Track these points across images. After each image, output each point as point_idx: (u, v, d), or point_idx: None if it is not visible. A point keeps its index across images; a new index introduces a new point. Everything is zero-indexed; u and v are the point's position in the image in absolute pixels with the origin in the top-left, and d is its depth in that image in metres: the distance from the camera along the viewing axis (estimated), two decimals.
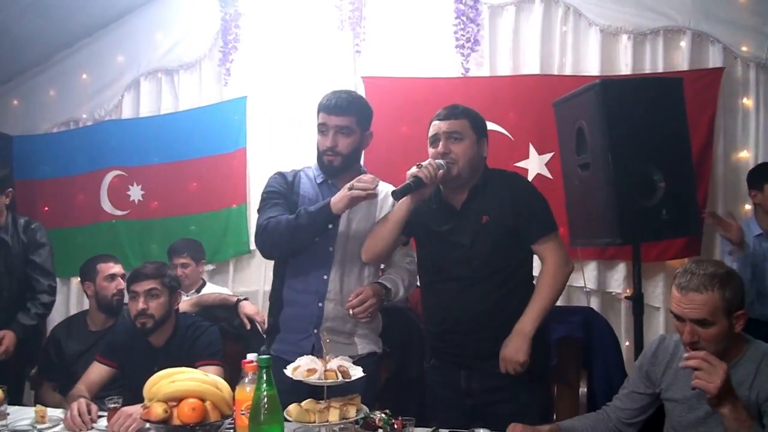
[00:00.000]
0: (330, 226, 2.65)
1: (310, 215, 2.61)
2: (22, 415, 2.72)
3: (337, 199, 2.57)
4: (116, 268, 3.80)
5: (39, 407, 2.66)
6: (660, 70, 4.32)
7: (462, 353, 2.65)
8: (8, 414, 2.64)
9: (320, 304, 2.69)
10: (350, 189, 2.55)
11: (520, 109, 4.49)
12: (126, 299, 3.24)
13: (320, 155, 2.78)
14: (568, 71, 4.49)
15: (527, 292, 2.65)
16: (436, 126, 2.70)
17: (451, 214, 2.73)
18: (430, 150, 2.71)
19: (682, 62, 4.33)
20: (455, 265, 2.67)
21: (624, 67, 4.40)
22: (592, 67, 4.43)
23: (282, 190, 2.79)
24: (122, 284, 3.67)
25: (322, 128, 2.72)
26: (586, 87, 3.42)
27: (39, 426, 2.56)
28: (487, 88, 4.59)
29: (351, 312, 2.58)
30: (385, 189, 2.81)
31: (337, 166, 2.71)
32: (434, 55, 4.74)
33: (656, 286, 4.31)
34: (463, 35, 4.63)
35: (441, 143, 2.66)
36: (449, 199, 2.75)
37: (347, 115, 2.70)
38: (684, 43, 4.33)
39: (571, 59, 4.50)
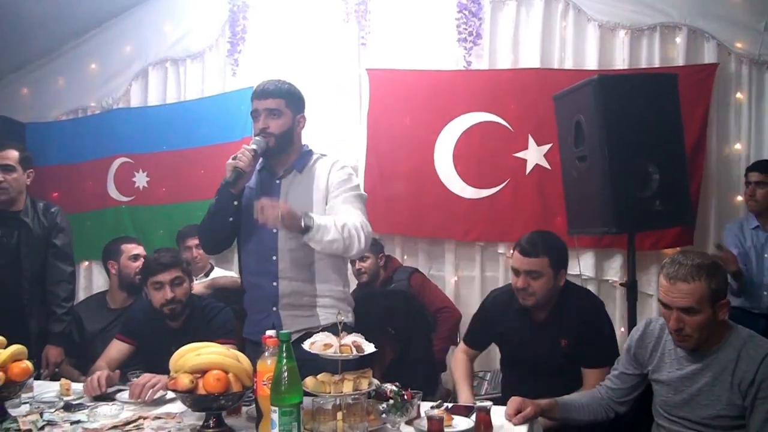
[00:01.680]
0: (235, 202, 2.78)
1: (216, 200, 2.82)
2: (46, 388, 2.85)
3: (227, 175, 2.72)
4: (139, 249, 3.99)
5: (64, 380, 2.80)
6: (656, 65, 4.44)
7: None
8: (34, 387, 2.77)
9: (274, 284, 2.81)
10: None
11: (520, 102, 4.60)
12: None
13: None
14: (567, 65, 4.61)
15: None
16: (518, 260, 2.93)
17: (531, 326, 3.01)
18: (512, 277, 2.98)
19: (677, 58, 4.44)
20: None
21: (621, 61, 4.51)
22: (591, 62, 4.55)
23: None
24: None
25: (255, 114, 2.84)
26: (585, 82, 3.56)
27: (65, 398, 2.70)
28: (488, 80, 4.72)
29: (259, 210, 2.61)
30: (323, 163, 2.90)
31: (272, 147, 2.80)
32: (437, 48, 4.84)
33: (650, 274, 4.42)
34: (466, 29, 4.74)
35: (521, 279, 2.91)
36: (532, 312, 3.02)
37: (275, 98, 2.81)
38: (680, 39, 4.44)
39: (570, 53, 4.61)
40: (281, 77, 2.95)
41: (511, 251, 3.17)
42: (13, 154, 3.72)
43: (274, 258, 2.81)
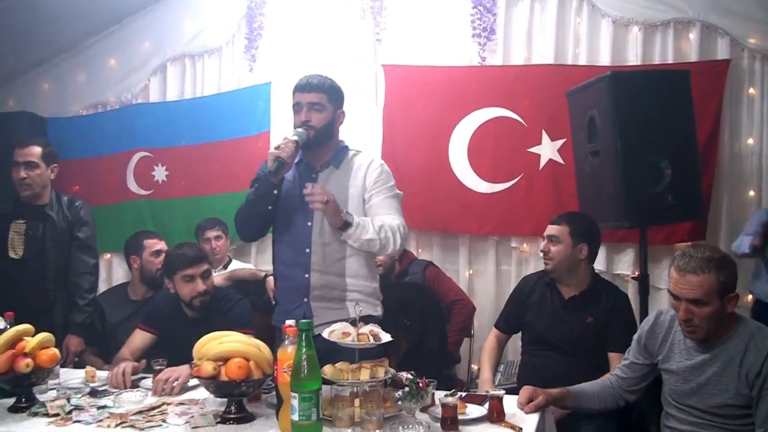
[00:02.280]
0: (275, 191, 2.86)
1: (255, 188, 2.92)
2: (71, 375, 2.96)
3: (268, 164, 2.78)
4: (161, 245, 4.09)
5: (89, 368, 2.91)
6: (669, 60, 4.46)
7: None
8: (60, 374, 2.86)
9: (306, 276, 2.89)
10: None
11: (534, 97, 4.63)
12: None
13: None
14: (581, 61, 4.63)
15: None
16: (546, 229, 3.36)
17: (559, 302, 3.30)
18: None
19: (690, 53, 4.45)
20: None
21: (634, 57, 4.53)
22: (604, 58, 4.57)
23: (262, 176, 2.97)
24: None
25: (297, 107, 2.93)
26: (598, 78, 3.59)
27: (90, 384, 2.79)
28: (503, 76, 4.76)
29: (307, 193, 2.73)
30: (359, 160, 3.00)
31: (312, 139, 2.88)
32: (451, 44, 4.88)
33: (662, 268, 4.43)
34: (480, 25, 4.77)
35: (544, 242, 3.33)
36: (561, 289, 3.35)
37: (319, 92, 2.90)
38: (693, 35, 4.45)
39: (584, 49, 4.63)
40: (297, 73, 3.04)
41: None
42: (36, 151, 3.82)
43: (308, 251, 2.89)
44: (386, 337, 2.36)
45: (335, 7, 5.11)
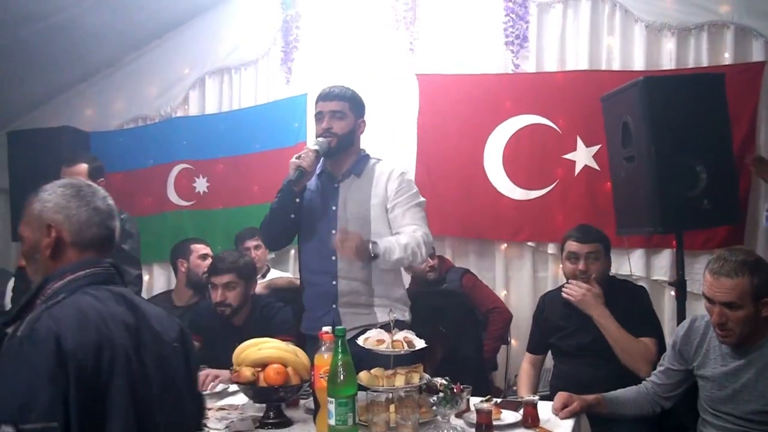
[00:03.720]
0: (297, 199, 2.94)
1: (278, 197, 2.99)
2: None
3: (290, 173, 2.87)
4: (207, 249, 4.23)
5: None
6: (704, 64, 4.40)
7: None
8: None
9: (334, 283, 2.94)
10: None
11: (568, 104, 4.62)
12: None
13: None
14: (614, 66, 4.61)
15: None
16: (575, 246, 3.24)
17: (580, 316, 3.19)
18: (568, 265, 3.27)
19: (725, 56, 4.40)
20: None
21: (668, 61, 4.49)
22: (638, 62, 4.54)
23: (284, 185, 3.03)
24: None
25: (319, 116, 3.01)
26: (631, 83, 3.58)
27: None
28: (536, 83, 4.76)
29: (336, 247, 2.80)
30: (380, 169, 3.05)
31: (333, 147, 2.95)
32: (484, 52, 4.89)
33: (699, 274, 4.24)
34: (513, 32, 4.78)
35: (581, 262, 3.21)
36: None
37: (340, 101, 2.98)
38: (727, 38, 4.40)
39: (617, 54, 4.61)
40: (333, 84, 3.11)
41: (562, 245, 3.37)
42: (82, 168, 3.92)
43: (334, 258, 2.94)
44: (420, 344, 2.40)
45: (369, 18, 5.15)
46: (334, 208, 2.98)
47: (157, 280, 5.67)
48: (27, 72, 5.42)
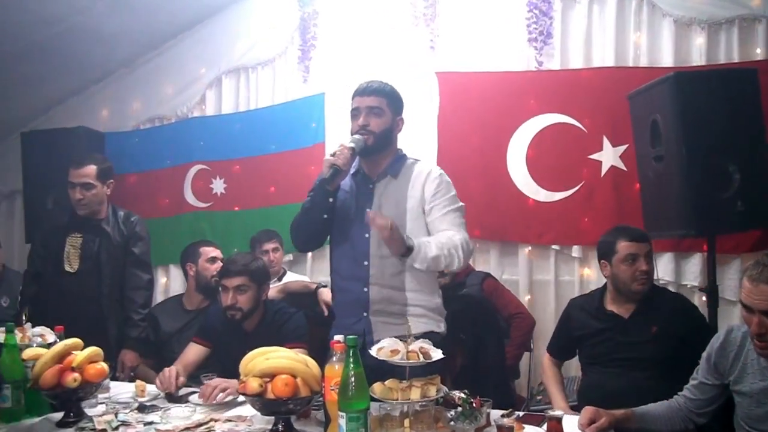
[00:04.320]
0: (330, 199, 2.79)
1: (311, 196, 2.84)
2: (122, 389, 2.95)
3: (323, 172, 2.73)
4: (217, 252, 4.12)
5: (139, 382, 2.90)
6: (735, 60, 4.26)
7: None
8: (110, 388, 2.86)
9: (365, 289, 2.80)
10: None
11: (594, 102, 4.50)
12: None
13: None
14: (642, 63, 4.47)
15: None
16: (633, 246, 3.11)
17: (617, 323, 3.09)
18: (625, 268, 3.09)
19: (757, 52, 4.25)
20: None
21: (698, 57, 4.35)
22: (666, 59, 4.40)
23: (317, 184, 2.90)
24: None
25: (355, 112, 2.86)
26: (660, 79, 3.44)
27: (139, 399, 2.77)
28: (561, 80, 4.63)
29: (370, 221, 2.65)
30: (418, 169, 2.90)
31: (370, 145, 2.81)
32: (507, 49, 4.77)
33: (732, 279, 4.21)
34: (536, 28, 4.66)
35: (642, 262, 3.07)
36: (616, 310, 3.13)
37: (378, 96, 2.84)
38: (759, 32, 4.24)
39: (645, 50, 4.47)
40: (351, 83, 2.99)
41: (609, 248, 3.20)
42: (90, 170, 3.85)
43: (366, 263, 2.81)
44: (437, 355, 2.26)
45: (388, 16, 5.05)
46: (368, 210, 2.79)
47: (173, 282, 5.61)
48: (43, 74, 5.42)
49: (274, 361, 2.25)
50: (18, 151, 5.43)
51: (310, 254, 5.21)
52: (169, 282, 5.63)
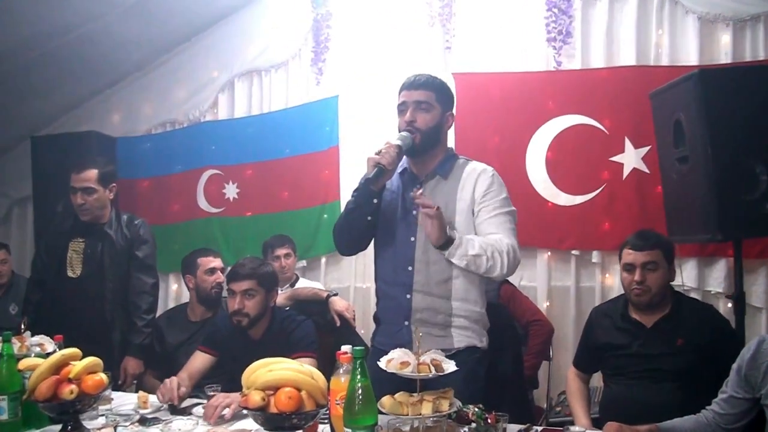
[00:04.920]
0: (374, 200, 2.64)
1: (354, 197, 2.70)
2: (125, 400, 2.86)
3: (367, 171, 2.59)
4: (216, 262, 3.97)
5: (141, 393, 2.81)
6: (761, 57, 4.12)
7: None
8: (112, 399, 2.76)
9: (408, 296, 2.66)
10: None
11: (615, 102, 4.38)
12: (225, 293, 3.35)
13: None
14: (664, 61, 4.35)
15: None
16: (630, 255, 2.96)
17: (640, 332, 2.94)
18: (625, 276, 2.99)
19: None
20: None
21: (723, 55, 4.21)
22: (690, 57, 4.27)
23: (361, 184, 2.77)
24: (221, 278, 3.83)
25: (402, 107, 2.71)
26: (684, 77, 3.31)
27: (141, 411, 2.68)
28: (580, 81, 4.51)
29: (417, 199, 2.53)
30: (469, 168, 2.76)
31: (418, 144, 2.66)
32: (525, 48, 4.67)
33: (759, 284, 4.10)
34: (555, 27, 4.55)
35: (637, 271, 2.91)
36: (639, 318, 2.98)
37: (426, 90, 2.69)
38: None
39: (667, 49, 4.35)
40: (365, 85, 2.87)
41: (620, 254, 3.06)
42: (91, 175, 3.79)
43: (410, 269, 2.67)
44: (450, 367, 2.14)
45: (403, 16, 4.96)
46: (414, 212, 2.67)
47: (185, 289, 5.50)
48: (56, 81, 5.41)
49: (277, 373, 2.13)
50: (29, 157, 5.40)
51: (323, 261, 5.13)
52: (181, 289, 5.54)
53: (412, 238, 2.67)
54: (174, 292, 5.58)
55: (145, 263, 3.89)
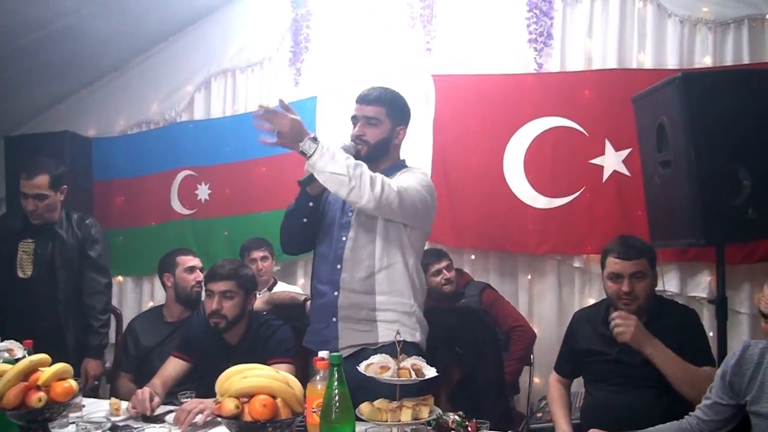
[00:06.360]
0: (310, 203, 2.77)
1: (294, 200, 2.84)
2: (97, 407, 2.79)
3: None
4: (195, 261, 3.94)
5: (113, 400, 2.74)
6: (745, 61, 4.09)
7: None
8: (84, 406, 2.69)
9: (335, 293, 2.74)
10: None
11: (596, 105, 4.33)
12: (203, 294, 3.29)
13: None
14: (646, 65, 4.31)
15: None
16: (618, 265, 2.87)
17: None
18: (611, 285, 2.90)
19: (767, 52, 4.09)
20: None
21: (705, 59, 4.19)
22: (672, 60, 4.24)
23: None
24: (200, 276, 3.76)
25: (353, 120, 2.84)
26: (667, 81, 3.29)
27: (113, 418, 2.60)
28: (561, 83, 4.47)
29: None
30: (409, 171, 2.86)
31: (363, 155, 2.73)
32: (506, 50, 4.63)
33: (742, 290, 4.06)
34: (536, 29, 4.51)
35: (626, 281, 2.83)
36: None
37: (376, 106, 2.79)
38: None
39: (649, 52, 4.31)
40: (344, 87, 2.87)
41: (602, 260, 3.00)
42: (43, 181, 3.75)
43: (339, 267, 2.74)
44: (431, 373, 2.09)
45: (383, 17, 4.90)
46: (350, 214, 2.78)
47: (159, 292, 5.40)
48: (29, 79, 5.27)
49: (251, 380, 2.05)
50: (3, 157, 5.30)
51: (300, 264, 5.05)
52: (155, 292, 5.43)
53: (344, 238, 2.76)
54: (148, 294, 5.48)
55: (98, 263, 3.87)
